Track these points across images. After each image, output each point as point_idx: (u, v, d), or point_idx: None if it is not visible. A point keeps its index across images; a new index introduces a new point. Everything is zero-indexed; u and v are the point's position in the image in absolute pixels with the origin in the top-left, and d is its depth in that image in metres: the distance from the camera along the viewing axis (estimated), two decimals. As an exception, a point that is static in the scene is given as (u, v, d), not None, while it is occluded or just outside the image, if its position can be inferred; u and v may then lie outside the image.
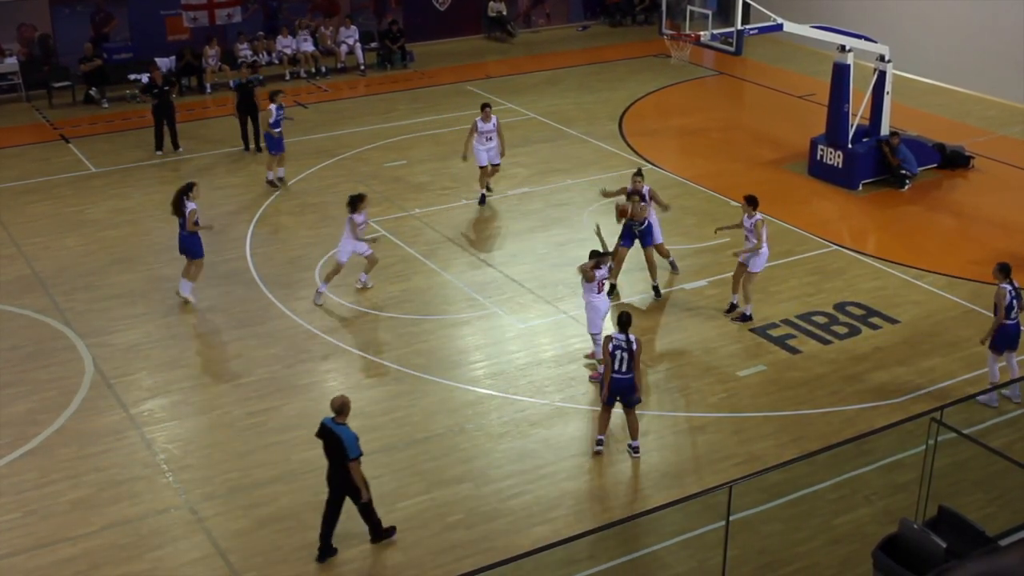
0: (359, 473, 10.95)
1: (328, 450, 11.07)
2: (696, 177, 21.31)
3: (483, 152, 19.79)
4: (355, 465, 10.89)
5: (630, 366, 12.51)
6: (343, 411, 10.95)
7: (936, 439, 11.37)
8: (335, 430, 10.89)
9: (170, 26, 28.15)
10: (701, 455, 13.05)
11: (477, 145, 19.76)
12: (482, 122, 19.65)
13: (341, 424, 10.92)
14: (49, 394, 14.17)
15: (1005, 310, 13.61)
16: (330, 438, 10.96)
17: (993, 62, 26.17)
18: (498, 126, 19.79)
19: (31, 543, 11.49)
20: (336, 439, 10.87)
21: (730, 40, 20.71)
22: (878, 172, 21.05)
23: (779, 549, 11.48)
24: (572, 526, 11.66)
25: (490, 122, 19.64)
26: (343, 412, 10.94)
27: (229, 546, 11.49)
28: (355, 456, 10.86)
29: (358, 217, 16.26)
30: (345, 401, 11.01)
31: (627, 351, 12.45)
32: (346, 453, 10.82)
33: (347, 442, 10.81)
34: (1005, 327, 13.71)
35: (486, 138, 19.69)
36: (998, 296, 13.68)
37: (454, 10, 31.98)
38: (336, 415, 10.95)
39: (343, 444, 10.82)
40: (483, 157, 19.84)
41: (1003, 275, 13.69)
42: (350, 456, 10.83)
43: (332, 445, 10.97)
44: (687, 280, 17.12)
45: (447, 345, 15.49)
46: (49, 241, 18.64)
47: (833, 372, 14.70)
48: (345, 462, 10.87)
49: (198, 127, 24.41)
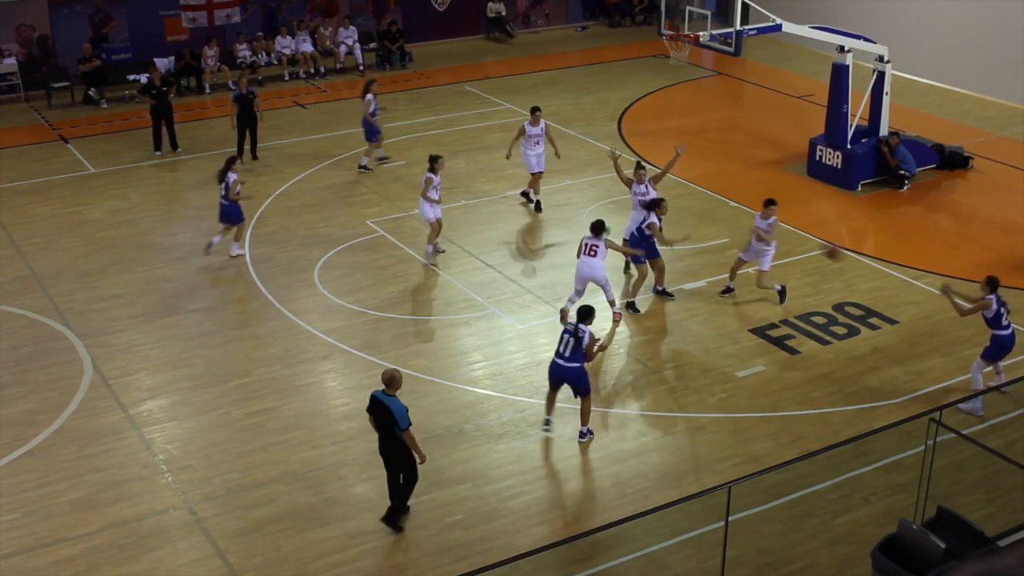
0: (412, 440, 11.36)
1: (379, 422, 11.50)
2: (695, 178, 21.31)
3: (532, 157, 19.51)
4: (408, 434, 11.31)
5: (575, 354, 12.69)
6: (392, 383, 11.38)
7: (935, 439, 11.38)
8: (385, 401, 11.31)
9: (169, 27, 28.16)
10: (700, 455, 13.05)
11: (526, 150, 19.50)
12: (530, 126, 19.37)
13: (391, 395, 11.33)
14: (48, 394, 14.17)
15: (995, 320, 13.60)
16: (381, 409, 11.35)
17: (992, 63, 26.19)
18: (547, 130, 19.53)
19: (30, 543, 11.49)
20: (386, 410, 11.26)
21: (729, 41, 20.73)
22: (877, 172, 21.07)
23: (778, 549, 11.49)
24: (571, 527, 11.68)
25: (538, 126, 19.36)
26: (392, 384, 11.38)
27: (228, 546, 11.50)
28: (405, 426, 11.26)
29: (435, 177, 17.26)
30: (395, 375, 11.44)
31: (574, 336, 12.72)
32: (397, 423, 11.21)
33: (397, 413, 11.24)
34: (1000, 337, 13.70)
35: (534, 142, 19.41)
36: (982, 305, 13.61)
37: (453, 10, 31.99)
38: (386, 387, 11.38)
39: (393, 415, 11.21)
40: (533, 163, 19.55)
41: (990, 287, 13.63)
42: (401, 426, 11.24)
43: (383, 416, 11.36)
44: (686, 280, 17.13)
45: (446, 345, 15.50)
46: (48, 241, 18.64)
47: (832, 372, 14.71)
48: (397, 432, 11.26)
49: (197, 127, 24.41)
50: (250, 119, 21.89)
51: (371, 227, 19.05)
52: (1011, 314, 13.91)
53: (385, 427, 11.44)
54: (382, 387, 11.45)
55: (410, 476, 11.65)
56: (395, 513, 11.71)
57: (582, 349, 12.72)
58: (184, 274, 17.51)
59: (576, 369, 12.79)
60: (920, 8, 27.64)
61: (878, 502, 12.24)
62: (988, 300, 13.55)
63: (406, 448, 11.44)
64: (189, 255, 18.17)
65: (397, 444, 11.43)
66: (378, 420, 11.52)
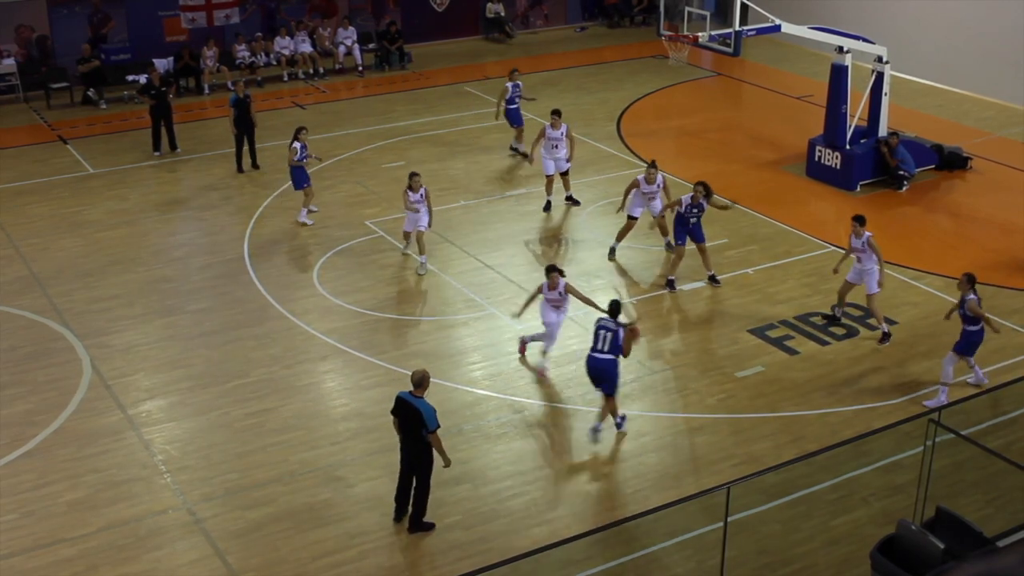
0: (439, 442, 11.26)
1: (404, 424, 11.36)
2: (694, 178, 21.16)
3: (550, 161, 19.43)
4: (435, 437, 11.20)
5: (612, 347, 12.83)
6: (422, 384, 11.26)
7: (934, 440, 11.38)
8: (414, 403, 11.19)
9: (168, 27, 28.14)
10: (699, 456, 13.05)
11: (544, 152, 19.44)
12: (551, 129, 19.32)
13: (419, 397, 11.22)
14: (47, 395, 14.16)
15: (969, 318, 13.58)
16: (408, 411, 11.22)
17: (991, 63, 26.19)
18: (567, 132, 19.41)
19: (29, 544, 11.49)
20: (415, 411, 11.14)
21: (728, 41, 20.73)
22: (876, 173, 21.07)
23: (777, 550, 11.49)
24: (570, 527, 11.67)
25: (559, 129, 19.29)
26: (422, 385, 11.25)
27: (227, 547, 11.49)
28: (434, 428, 11.15)
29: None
30: (425, 375, 11.31)
31: (611, 331, 12.87)
32: (426, 425, 11.11)
33: (426, 414, 11.12)
34: (972, 333, 13.67)
35: (553, 145, 19.31)
36: (970, 306, 13.53)
37: (452, 11, 31.97)
38: (415, 388, 11.24)
39: (422, 417, 11.10)
40: (550, 166, 19.47)
41: (970, 285, 13.62)
42: (429, 428, 11.12)
43: (410, 418, 11.22)
44: (686, 281, 17.12)
45: (445, 346, 15.49)
46: (47, 242, 18.63)
47: (831, 373, 14.71)
48: (424, 434, 11.15)
49: (196, 128, 24.41)
50: (247, 124, 21.76)
51: (370, 228, 19.05)
52: (1011, 314, 13.90)
53: (409, 429, 11.31)
54: (409, 388, 11.31)
55: (423, 483, 11.48)
56: (418, 519, 11.61)
57: (619, 343, 12.84)
58: (183, 274, 17.51)
59: (611, 361, 12.89)
60: (919, 8, 27.65)
61: (877, 502, 12.24)
62: (973, 300, 13.58)
63: (427, 453, 11.32)
64: (188, 255, 18.18)
65: (420, 447, 11.30)
66: (403, 422, 11.37)
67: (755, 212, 19.59)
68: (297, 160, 18.95)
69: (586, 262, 17.79)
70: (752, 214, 19.52)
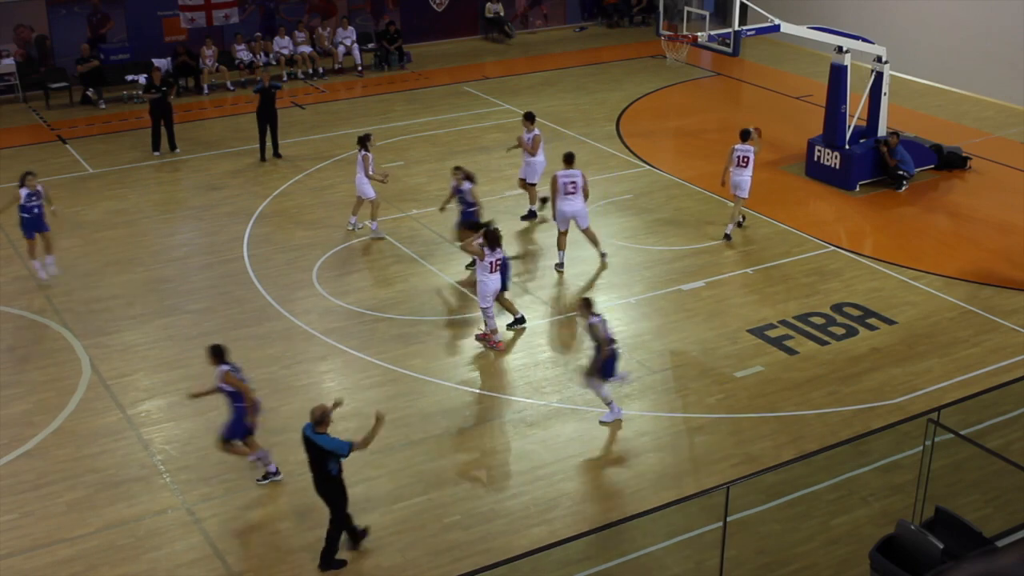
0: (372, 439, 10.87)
1: (309, 460, 10.95)
2: (693, 178, 21.32)
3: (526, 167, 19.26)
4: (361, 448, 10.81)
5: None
6: (323, 421, 10.76)
7: (933, 440, 11.38)
8: (315, 439, 10.74)
9: (167, 27, 28.16)
10: (699, 456, 13.05)
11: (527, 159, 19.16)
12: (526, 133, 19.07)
13: (321, 434, 10.75)
14: (46, 395, 14.16)
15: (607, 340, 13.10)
16: (309, 447, 10.81)
17: (990, 63, 26.21)
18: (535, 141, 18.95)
19: (28, 544, 11.48)
20: (316, 448, 10.73)
21: (727, 41, 20.72)
22: (875, 173, 21.08)
23: (777, 550, 11.49)
24: (570, 527, 11.66)
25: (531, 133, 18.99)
26: (323, 422, 10.76)
27: (226, 547, 11.49)
28: (346, 452, 10.72)
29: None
30: (325, 411, 10.81)
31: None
32: (335, 456, 10.72)
33: (329, 447, 10.66)
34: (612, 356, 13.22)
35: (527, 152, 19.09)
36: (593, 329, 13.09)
37: (451, 11, 31.99)
38: (316, 425, 10.76)
39: (324, 451, 10.69)
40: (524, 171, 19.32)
41: (588, 309, 13.18)
42: (343, 454, 10.72)
43: (312, 454, 10.83)
44: (685, 281, 17.13)
45: (445, 346, 15.48)
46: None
47: (830, 373, 14.71)
48: (329, 470, 10.78)
49: (195, 128, 24.41)
50: (270, 114, 21.73)
51: (370, 227, 19.02)
52: (1010, 314, 13.91)
53: (312, 464, 10.91)
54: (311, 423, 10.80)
55: (333, 519, 11.04)
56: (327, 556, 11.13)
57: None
58: (182, 275, 17.51)
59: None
60: (919, 8, 27.66)
61: (876, 502, 12.24)
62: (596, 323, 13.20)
63: (334, 490, 10.91)
64: (187, 255, 18.18)
65: (327, 485, 10.89)
66: (308, 458, 10.91)
67: (755, 212, 19.58)
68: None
69: (586, 262, 17.78)
70: (752, 214, 19.51)
